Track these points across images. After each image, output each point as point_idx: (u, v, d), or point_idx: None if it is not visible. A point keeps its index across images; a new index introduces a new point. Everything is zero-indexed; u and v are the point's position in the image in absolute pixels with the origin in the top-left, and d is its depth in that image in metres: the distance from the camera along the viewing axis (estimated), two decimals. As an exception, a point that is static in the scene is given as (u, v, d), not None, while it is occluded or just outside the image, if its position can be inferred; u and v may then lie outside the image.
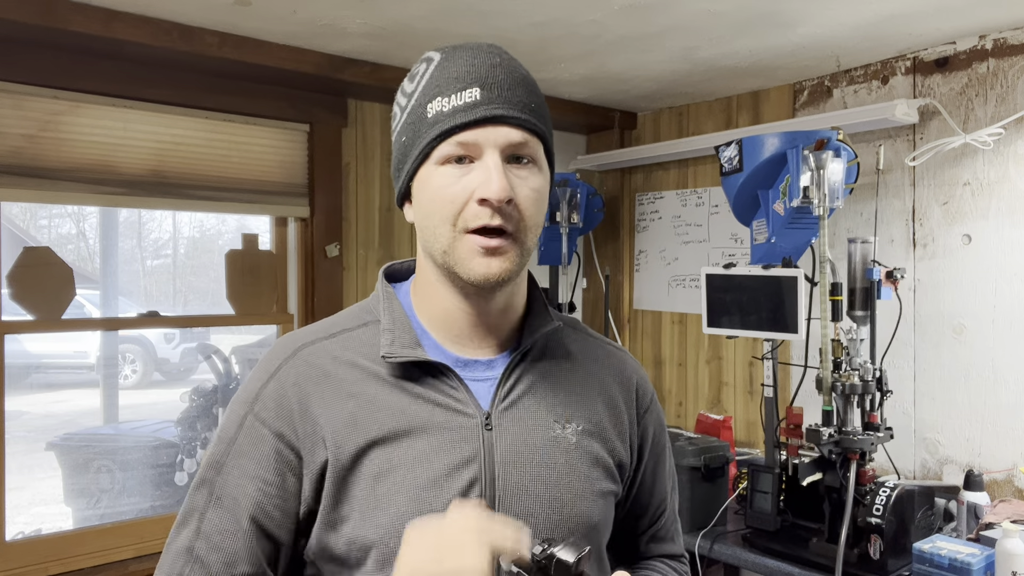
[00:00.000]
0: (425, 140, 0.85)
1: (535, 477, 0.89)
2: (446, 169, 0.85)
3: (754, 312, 2.15)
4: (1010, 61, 2.20)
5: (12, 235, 3.43)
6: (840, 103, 2.60)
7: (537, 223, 0.88)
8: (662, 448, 1.07)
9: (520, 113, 0.85)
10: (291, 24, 2.14)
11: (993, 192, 2.23)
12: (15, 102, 2.12)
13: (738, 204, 2.28)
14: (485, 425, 0.89)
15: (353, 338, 0.92)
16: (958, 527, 2.04)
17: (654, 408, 1.06)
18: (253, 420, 0.88)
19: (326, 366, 0.90)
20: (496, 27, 2.18)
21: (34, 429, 3.70)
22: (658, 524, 1.07)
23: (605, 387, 0.99)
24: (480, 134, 0.83)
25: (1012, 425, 2.18)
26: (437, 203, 0.85)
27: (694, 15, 2.08)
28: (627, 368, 1.04)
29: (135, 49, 2.13)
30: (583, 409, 0.95)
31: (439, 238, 0.86)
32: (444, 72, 0.86)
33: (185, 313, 4.77)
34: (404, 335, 0.90)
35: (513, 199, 0.84)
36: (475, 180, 0.84)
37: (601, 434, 0.96)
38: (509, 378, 0.92)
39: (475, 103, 0.83)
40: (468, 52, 0.87)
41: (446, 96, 0.84)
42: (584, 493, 0.91)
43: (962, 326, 2.29)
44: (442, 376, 0.90)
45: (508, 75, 0.86)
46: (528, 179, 0.86)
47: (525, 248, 0.87)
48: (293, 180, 2.64)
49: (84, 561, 2.23)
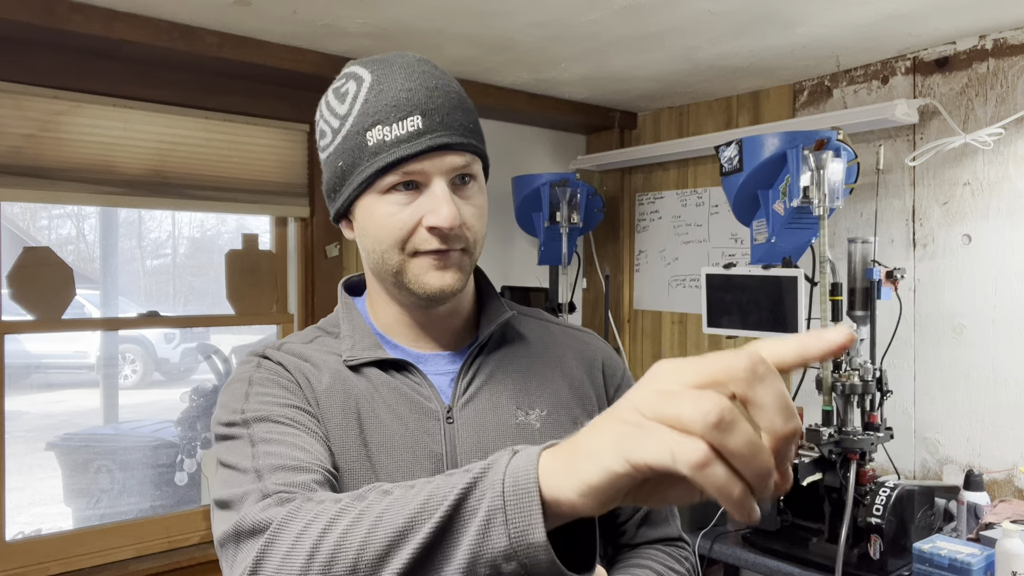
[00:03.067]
0: (369, 170, 0.86)
1: None
2: (392, 197, 0.87)
3: (754, 312, 2.16)
4: (1010, 61, 2.20)
5: (12, 235, 3.43)
6: (840, 103, 2.60)
7: (483, 234, 0.93)
8: None
9: (462, 138, 0.87)
10: (291, 24, 2.14)
11: (993, 192, 2.23)
12: (15, 102, 2.12)
13: (738, 204, 2.28)
14: (447, 419, 0.91)
15: (319, 343, 0.96)
16: (958, 527, 2.04)
17: (626, 386, 1.03)
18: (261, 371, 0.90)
19: (307, 354, 0.94)
20: (496, 27, 2.18)
21: (34, 429, 3.70)
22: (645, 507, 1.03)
23: (567, 369, 1.00)
24: (427, 164, 0.85)
25: (1012, 425, 2.18)
26: (386, 231, 0.87)
27: (694, 15, 2.08)
28: (589, 348, 1.04)
29: (135, 49, 2.13)
30: (545, 393, 0.96)
31: (389, 261, 0.89)
32: (381, 97, 0.86)
33: (185, 313, 4.77)
34: (364, 339, 0.94)
35: (463, 222, 0.88)
36: (423, 207, 0.86)
37: (567, 418, 0.96)
38: (468, 371, 0.95)
39: (418, 132, 0.84)
40: (402, 73, 0.87)
41: (387, 125, 0.85)
42: None
43: (962, 326, 2.29)
44: (405, 372, 0.93)
45: (446, 99, 0.87)
46: (472, 198, 0.90)
47: (473, 258, 0.92)
48: (293, 180, 2.64)
49: (84, 561, 2.23)
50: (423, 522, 0.56)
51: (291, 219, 2.69)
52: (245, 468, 0.78)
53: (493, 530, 0.53)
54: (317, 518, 0.64)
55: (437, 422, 0.91)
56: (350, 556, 0.60)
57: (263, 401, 0.86)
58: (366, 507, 0.63)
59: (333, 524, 0.63)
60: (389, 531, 0.59)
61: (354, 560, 0.60)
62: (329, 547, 0.61)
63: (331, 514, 0.64)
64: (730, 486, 0.42)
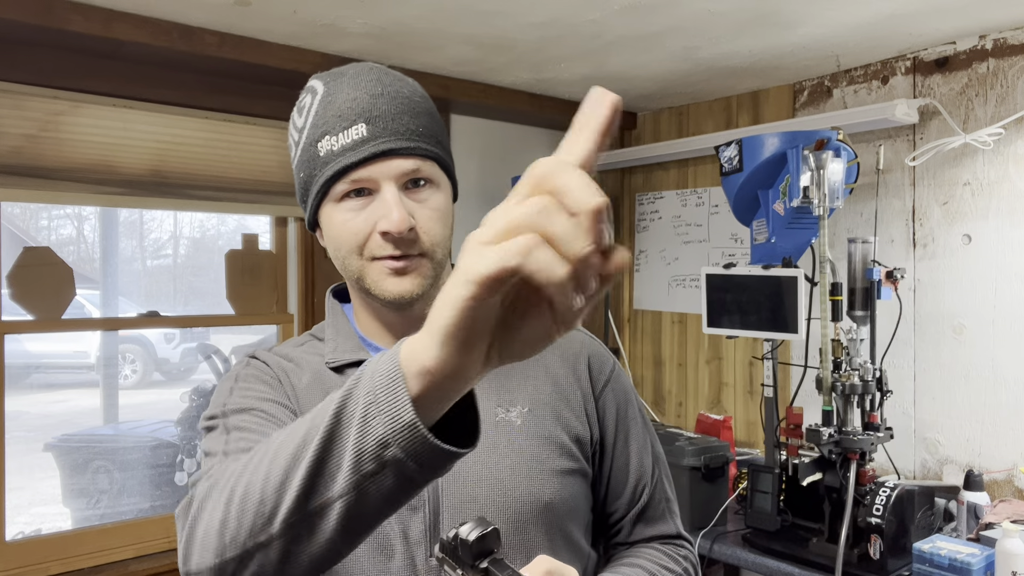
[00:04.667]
0: (321, 180, 0.89)
1: (476, 461, 0.90)
2: (346, 204, 0.89)
3: (754, 312, 2.15)
4: (1010, 61, 2.20)
5: (12, 235, 3.43)
6: (840, 103, 2.60)
7: (444, 236, 0.92)
8: (631, 421, 1.03)
9: (408, 142, 0.87)
10: (291, 24, 2.14)
11: (993, 192, 2.23)
12: (15, 102, 2.12)
13: (738, 204, 2.28)
14: None
15: (308, 347, 1.00)
16: (958, 527, 2.04)
17: (615, 381, 1.03)
18: (247, 369, 0.95)
19: (293, 356, 0.98)
20: (496, 27, 2.18)
21: (34, 429, 3.70)
22: (642, 502, 1.03)
23: (550, 367, 0.99)
24: (373, 170, 0.87)
25: (1012, 425, 2.18)
26: (343, 237, 0.89)
27: (694, 15, 2.08)
28: (574, 345, 1.03)
29: (135, 49, 2.13)
30: (527, 391, 0.96)
31: (350, 267, 0.91)
32: (329, 108, 0.88)
33: (185, 313, 4.77)
34: (346, 343, 0.97)
35: (414, 226, 0.87)
36: (375, 213, 0.87)
37: (550, 414, 0.96)
38: None
39: (363, 139, 0.86)
40: (349, 83, 0.89)
41: (334, 135, 0.87)
42: (531, 473, 0.91)
43: (962, 326, 2.29)
44: None
45: (391, 104, 0.88)
46: (428, 200, 0.90)
47: (436, 261, 0.91)
48: (293, 180, 2.63)
49: (84, 561, 2.23)
50: (312, 438, 0.58)
51: (291, 219, 2.69)
52: (215, 452, 0.83)
53: (369, 423, 0.55)
54: (236, 471, 0.68)
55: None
56: (256, 491, 0.63)
57: (244, 395, 0.90)
58: (269, 444, 0.66)
59: (244, 469, 0.66)
60: (286, 456, 0.61)
61: (260, 493, 0.62)
62: (241, 490, 0.64)
63: (244, 461, 0.68)
64: (555, 266, 0.44)
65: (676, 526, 1.06)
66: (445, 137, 0.95)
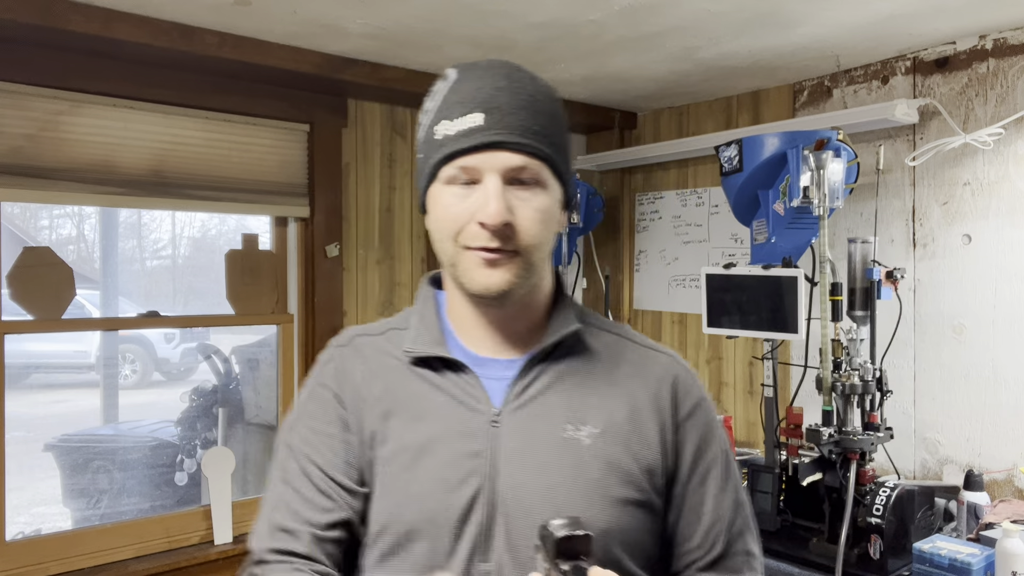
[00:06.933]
0: (433, 161, 0.91)
1: (538, 476, 0.89)
2: (452, 189, 0.90)
3: (754, 312, 2.15)
4: (1010, 61, 2.20)
5: (12, 235, 3.43)
6: (840, 103, 2.60)
7: (542, 240, 0.91)
8: (712, 461, 0.97)
9: (520, 138, 0.87)
10: (291, 24, 2.14)
11: (993, 192, 2.23)
12: (15, 102, 2.12)
13: (738, 204, 2.28)
14: (493, 422, 0.91)
15: (397, 335, 1.00)
16: (958, 527, 2.04)
17: (699, 415, 0.98)
18: (319, 388, 0.99)
19: (369, 354, 0.99)
20: (496, 27, 2.18)
21: (34, 429, 3.70)
22: (716, 551, 0.96)
23: (631, 391, 0.95)
24: (480, 159, 0.87)
25: (1012, 425, 2.18)
26: (442, 221, 0.91)
27: (694, 15, 2.08)
28: (661, 371, 0.98)
29: (135, 49, 2.13)
30: (601, 412, 0.93)
31: (445, 252, 0.92)
32: (453, 95, 0.90)
33: (185, 313, 4.76)
34: (427, 334, 0.97)
35: (511, 222, 0.87)
36: (476, 203, 0.88)
37: (621, 439, 0.92)
38: (523, 378, 0.94)
39: (477, 128, 0.87)
40: (478, 73, 0.91)
41: (452, 120, 0.89)
42: (593, 498, 0.89)
43: (962, 326, 2.29)
44: (460, 372, 0.94)
45: (512, 98, 0.89)
46: (530, 200, 0.89)
47: (530, 263, 0.90)
48: (293, 180, 2.64)
49: (84, 561, 2.23)
50: None
51: (291, 219, 2.69)
52: (274, 479, 0.96)
53: None
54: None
55: (483, 424, 0.91)
56: None
57: (304, 438, 0.96)
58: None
59: None
60: None
61: None
62: None
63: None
64: None
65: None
66: (564, 142, 0.94)
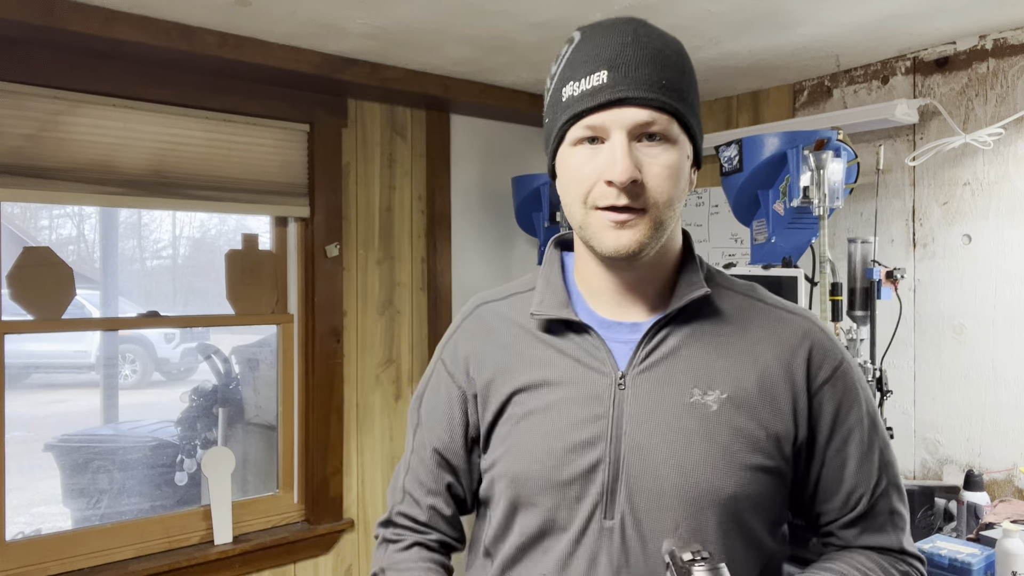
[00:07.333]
0: (559, 123, 0.90)
1: (663, 439, 0.88)
2: (579, 150, 0.89)
3: (754, 312, 2.15)
4: (1010, 61, 2.20)
5: (12, 235, 3.42)
6: (840, 103, 2.60)
7: (671, 197, 0.88)
8: (853, 424, 0.94)
9: (646, 93, 0.86)
10: (291, 24, 2.14)
11: (993, 192, 2.23)
12: (15, 102, 2.12)
13: (738, 204, 2.27)
14: (619, 385, 0.91)
15: (521, 300, 1.02)
16: (958, 527, 2.04)
17: (838, 381, 0.94)
18: (439, 364, 1.05)
19: (492, 323, 1.02)
20: (496, 27, 2.18)
21: (34, 429, 3.70)
22: (858, 510, 0.95)
23: (761, 356, 0.92)
24: (606, 117, 0.86)
25: (1012, 425, 2.18)
26: (570, 183, 0.90)
27: (694, 15, 2.08)
28: (796, 336, 0.94)
29: (135, 49, 2.13)
30: (730, 377, 0.91)
31: (574, 215, 0.91)
32: (578, 55, 0.90)
33: (185, 313, 4.76)
34: (554, 297, 0.97)
35: (639, 179, 0.86)
36: (603, 162, 0.86)
37: (749, 405, 0.90)
38: (650, 341, 0.93)
39: (602, 87, 0.86)
40: (602, 32, 0.90)
41: (577, 80, 0.88)
42: (719, 463, 0.87)
43: (962, 326, 2.29)
44: (585, 335, 0.94)
45: (637, 53, 0.87)
46: (659, 156, 0.87)
47: (659, 221, 0.88)
48: (293, 180, 2.64)
49: (84, 561, 2.23)
50: None
51: (291, 219, 2.69)
52: (399, 470, 1.08)
53: None
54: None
55: (608, 386, 0.91)
56: None
57: (426, 409, 1.05)
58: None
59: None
60: None
61: None
62: None
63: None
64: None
65: (900, 541, 0.97)
66: (694, 96, 0.92)
